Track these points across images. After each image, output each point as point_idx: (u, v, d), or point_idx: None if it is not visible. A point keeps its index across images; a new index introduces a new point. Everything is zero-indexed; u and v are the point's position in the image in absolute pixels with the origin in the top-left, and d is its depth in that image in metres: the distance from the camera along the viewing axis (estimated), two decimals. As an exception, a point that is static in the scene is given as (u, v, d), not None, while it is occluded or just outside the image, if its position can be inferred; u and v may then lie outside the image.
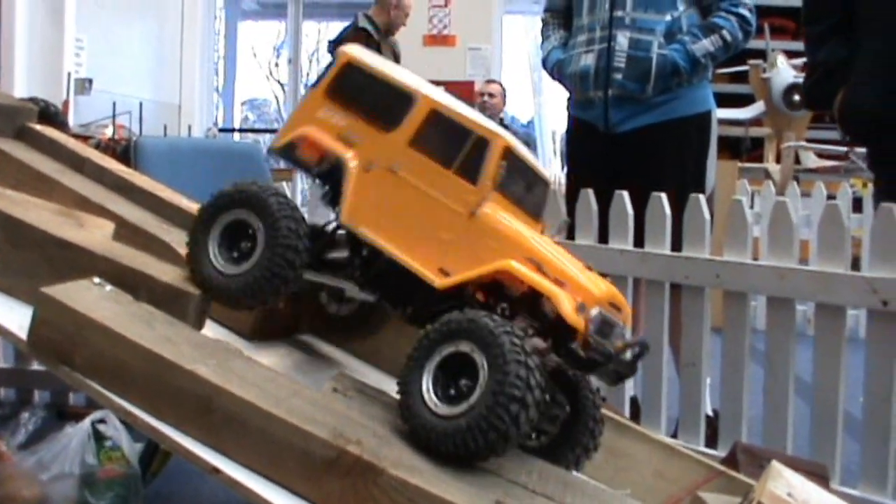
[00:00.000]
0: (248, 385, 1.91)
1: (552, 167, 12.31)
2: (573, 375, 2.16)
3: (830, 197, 7.62)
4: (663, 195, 3.86)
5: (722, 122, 7.87)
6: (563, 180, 5.34)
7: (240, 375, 1.94)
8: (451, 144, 2.08)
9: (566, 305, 1.93)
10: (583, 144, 4.86)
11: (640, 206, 3.91)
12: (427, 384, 1.91)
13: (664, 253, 3.82)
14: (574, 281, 1.98)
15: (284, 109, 20.43)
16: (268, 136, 15.97)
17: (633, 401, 4.20)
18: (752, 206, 7.81)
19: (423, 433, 1.88)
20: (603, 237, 4.05)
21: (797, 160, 11.11)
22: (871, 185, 9.15)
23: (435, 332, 1.91)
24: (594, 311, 1.96)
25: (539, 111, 14.97)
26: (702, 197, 3.78)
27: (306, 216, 2.20)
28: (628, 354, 2.03)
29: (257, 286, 2.13)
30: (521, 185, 2.15)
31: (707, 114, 4.71)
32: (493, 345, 1.83)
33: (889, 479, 3.42)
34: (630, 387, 4.12)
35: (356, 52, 2.24)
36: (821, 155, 11.46)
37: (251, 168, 4.40)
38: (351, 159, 2.14)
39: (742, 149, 11.58)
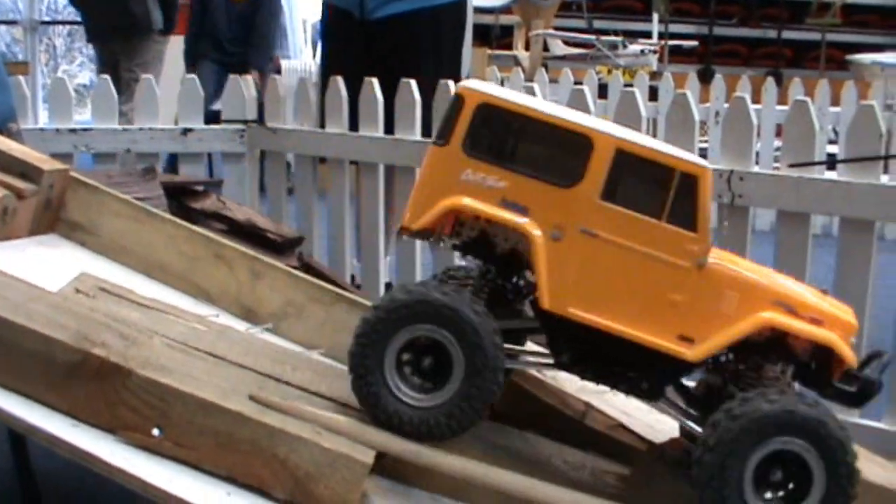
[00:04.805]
0: (-18, 292, 1.81)
1: (303, 57, 12.14)
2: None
3: (577, 83, 7.81)
4: (412, 81, 3.86)
5: (473, 10, 7.96)
6: (315, 70, 5.28)
7: (-28, 282, 1.84)
8: (653, 188, 1.78)
9: (847, 350, 1.78)
10: (338, 32, 4.81)
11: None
12: (749, 487, 1.71)
13: (415, 139, 3.83)
14: (828, 315, 1.81)
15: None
16: (3, 27, 15.09)
17: (388, 286, 4.26)
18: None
19: None
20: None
21: (545, 48, 11.36)
22: (617, 72, 9.46)
23: (749, 431, 1.69)
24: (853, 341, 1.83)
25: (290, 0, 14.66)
26: (452, 83, 3.79)
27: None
28: (874, 371, 1.88)
29: (455, 424, 1.79)
30: None
31: (462, 1, 4.73)
32: (830, 444, 1.69)
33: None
34: (384, 273, 4.17)
35: (485, 88, 1.84)
36: (568, 43, 11.75)
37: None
38: (532, 229, 1.79)
39: (492, 36, 11.73)
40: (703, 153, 6.12)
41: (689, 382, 1.99)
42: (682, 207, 1.77)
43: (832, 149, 6.99)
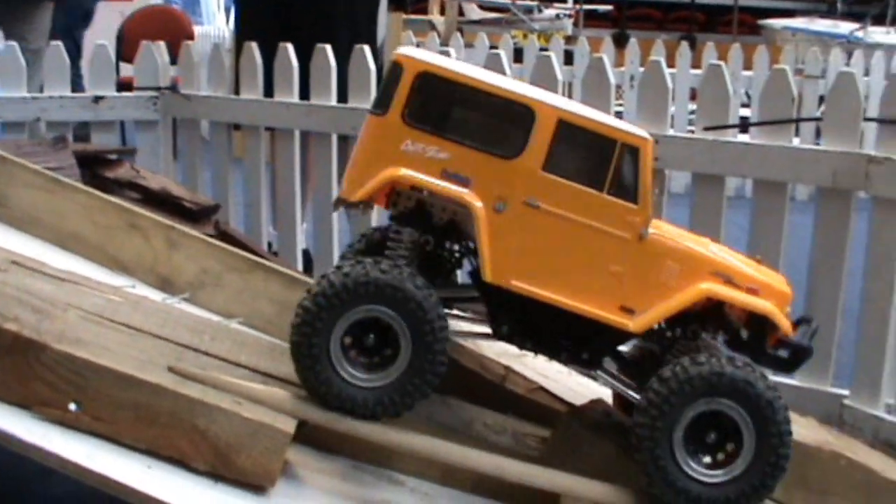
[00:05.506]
0: None
1: (217, 23, 11.97)
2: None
3: (493, 47, 7.80)
4: (328, 46, 3.82)
5: (387, -26, 7.90)
6: (229, 35, 5.21)
7: None
8: (595, 160, 1.77)
9: (783, 319, 1.83)
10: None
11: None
12: (680, 448, 1.73)
13: (330, 105, 3.80)
14: (764, 284, 1.85)
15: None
16: None
17: (306, 253, 4.24)
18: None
19: (684, 500, 1.75)
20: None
21: (460, 12, 11.35)
22: (532, 37, 9.49)
23: (679, 393, 1.71)
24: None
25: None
26: (367, 48, 3.77)
27: None
28: (804, 337, 1.91)
29: (392, 405, 1.76)
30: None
31: (377, -34, 4.71)
32: (759, 404, 1.72)
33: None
34: (301, 239, 4.15)
35: (425, 56, 1.80)
36: (483, 7, 11.77)
37: None
38: (474, 201, 1.76)
39: (407, 1, 11.68)
40: (619, 117, 6.17)
41: (625, 348, 2.01)
42: (623, 179, 1.77)
43: (745, 112, 7.09)
